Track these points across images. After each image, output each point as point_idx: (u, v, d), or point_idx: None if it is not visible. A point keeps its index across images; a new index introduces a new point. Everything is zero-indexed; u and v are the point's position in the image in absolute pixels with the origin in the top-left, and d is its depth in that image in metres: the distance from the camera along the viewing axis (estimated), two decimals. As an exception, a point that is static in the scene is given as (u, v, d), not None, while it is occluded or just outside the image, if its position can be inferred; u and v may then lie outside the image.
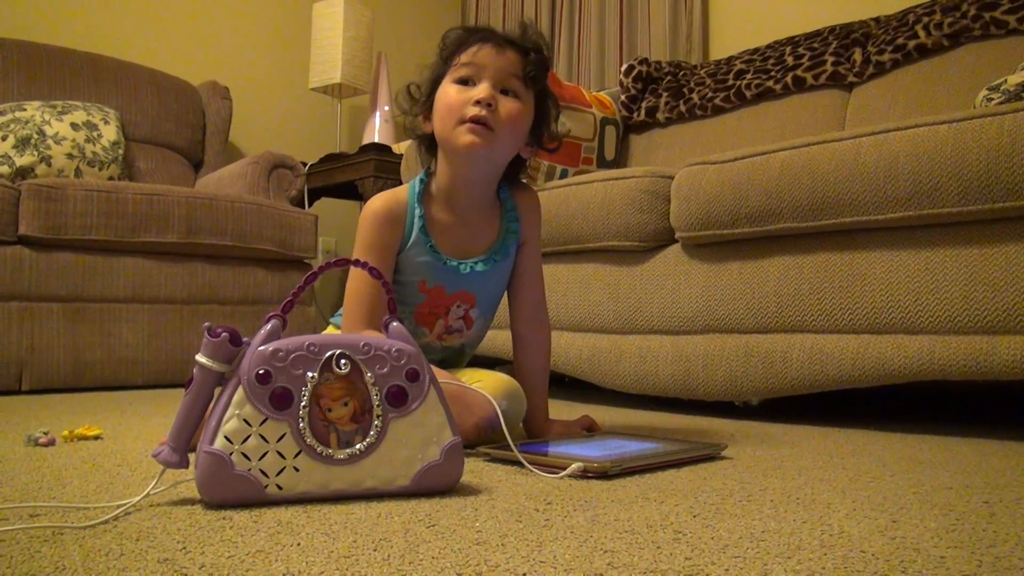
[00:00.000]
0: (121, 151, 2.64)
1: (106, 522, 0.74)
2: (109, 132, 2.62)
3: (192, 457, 0.83)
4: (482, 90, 1.18)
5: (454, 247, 1.27)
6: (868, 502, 0.85)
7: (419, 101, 1.27)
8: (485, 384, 1.22)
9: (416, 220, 1.25)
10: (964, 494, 0.90)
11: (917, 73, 2.16)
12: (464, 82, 1.20)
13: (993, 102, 1.60)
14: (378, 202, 1.26)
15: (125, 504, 0.79)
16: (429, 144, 1.30)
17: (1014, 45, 1.98)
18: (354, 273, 1.21)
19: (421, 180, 1.29)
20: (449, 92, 1.21)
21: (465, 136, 1.19)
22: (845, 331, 1.51)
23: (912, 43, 2.18)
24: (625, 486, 0.94)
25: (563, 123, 1.92)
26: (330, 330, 1.37)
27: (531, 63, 1.22)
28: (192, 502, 0.82)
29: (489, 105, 1.17)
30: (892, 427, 1.53)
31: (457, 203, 1.28)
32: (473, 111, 1.18)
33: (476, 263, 1.28)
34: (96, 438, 1.29)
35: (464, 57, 1.20)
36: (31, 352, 2.11)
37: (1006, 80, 1.61)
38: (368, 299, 1.20)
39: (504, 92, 1.20)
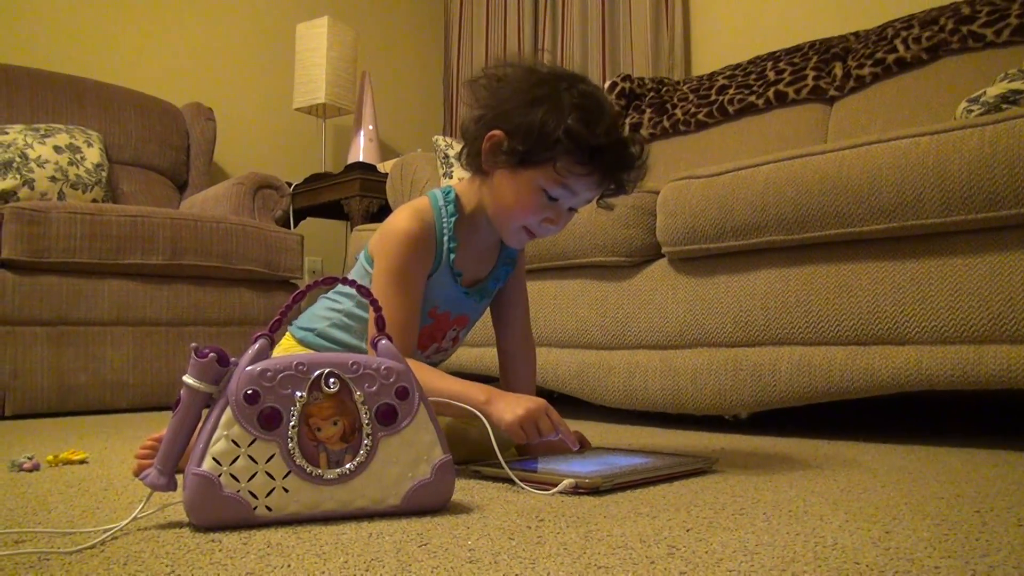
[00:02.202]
0: (104, 173, 2.63)
1: (92, 547, 0.73)
2: (92, 154, 2.61)
3: (180, 479, 0.82)
4: (559, 219, 1.15)
5: (468, 275, 1.26)
6: (861, 513, 0.85)
7: (510, 152, 1.11)
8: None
9: (447, 252, 1.20)
10: (955, 504, 0.90)
11: (897, 86, 2.19)
12: (548, 194, 1.13)
13: (973, 114, 1.61)
14: (412, 225, 1.16)
15: (112, 528, 0.78)
16: (475, 163, 1.18)
17: (992, 57, 2.01)
18: (383, 302, 1.11)
19: (451, 209, 1.20)
20: (532, 194, 1.12)
21: (516, 237, 1.19)
22: (832, 343, 1.51)
23: (891, 57, 2.20)
24: (617, 502, 0.93)
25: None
26: (288, 338, 1.29)
27: (608, 195, 1.19)
28: (180, 525, 0.81)
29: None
30: (881, 438, 1.53)
31: (479, 235, 1.24)
32: (537, 228, 1.16)
33: (483, 290, 1.28)
34: (81, 462, 1.27)
35: (568, 180, 1.10)
36: (15, 377, 2.08)
37: (985, 92, 1.63)
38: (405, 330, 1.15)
39: (572, 208, 1.18)
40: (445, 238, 1.19)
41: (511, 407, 1.06)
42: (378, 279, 1.16)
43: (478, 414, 1.06)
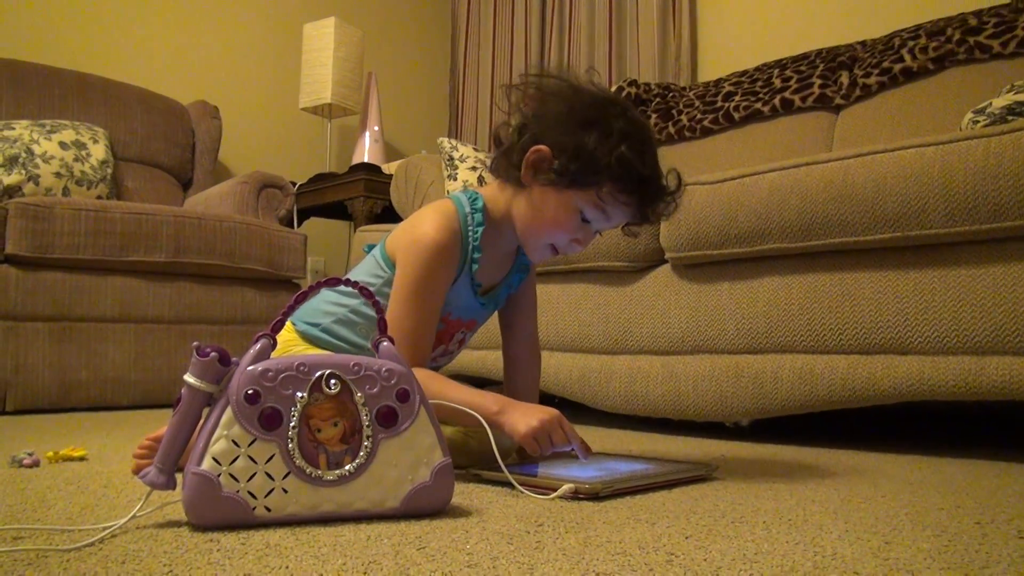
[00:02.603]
0: (109, 170, 2.63)
1: (91, 545, 0.73)
2: (98, 151, 2.62)
3: (179, 478, 0.82)
4: (586, 240, 1.16)
5: (485, 284, 1.25)
6: (860, 523, 0.85)
7: (561, 171, 1.10)
8: None
9: (471, 262, 1.18)
10: (956, 515, 0.90)
11: (903, 96, 2.19)
12: (584, 216, 1.13)
13: (979, 125, 1.61)
14: (442, 236, 1.14)
15: (111, 526, 0.78)
16: (512, 173, 1.16)
17: (998, 69, 2.01)
18: (403, 311, 1.13)
19: (479, 218, 1.18)
20: (569, 214, 1.13)
21: (541, 253, 1.18)
22: (835, 351, 1.51)
23: (898, 66, 2.20)
24: (616, 508, 0.93)
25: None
26: (289, 330, 1.25)
27: (635, 224, 1.18)
28: (179, 524, 0.81)
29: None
30: (882, 448, 1.53)
31: (501, 244, 1.23)
32: (565, 246, 1.16)
33: (496, 297, 1.28)
34: (81, 459, 1.27)
35: (608, 206, 1.11)
36: (16, 372, 2.08)
37: (991, 103, 1.63)
38: (419, 339, 1.15)
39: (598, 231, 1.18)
40: (470, 248, 1.18)
41: (525, 418, 1.05)
42: (400, 288, 1.15)
43: (480, 419, 1.05)
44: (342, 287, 1.23)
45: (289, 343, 1.22)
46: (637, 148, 1.08)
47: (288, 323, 1.26)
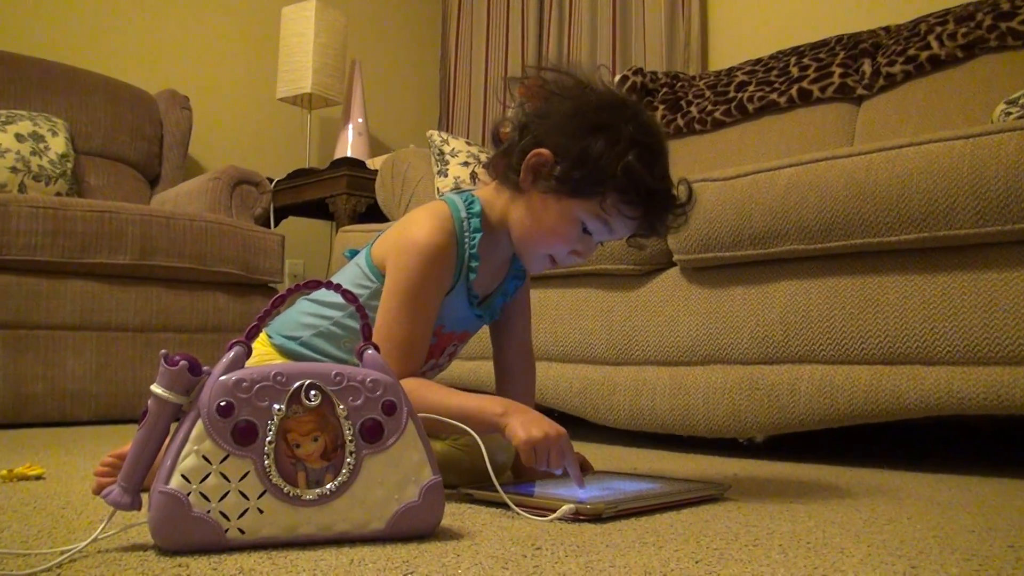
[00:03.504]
0: (70, 164, 2.63)
1: (48, 569, 0.73)
2: (57, 144, 2.61)
3: (145, 498, 0.81)
4: (587, 251, 1.16)
5: (481, 292, 1.25)
6: (884, 547, 0.85)
7: (562, 179, 1.10)
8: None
9: (467, 270, 1.18)
10: (987, 537, 0.90)
11: (930, 86, 2.20)
12: (585, 227, 1.13)
13: (1011, 116, 1.62)
14: (437, 239, 1.14)
15: (70, 550, 0.78)
16: (510, 177, 1.16)
17: (1032, 57, 2.02)
18: (394, 319, 1.13)
19: (476, 224, 1.18)
20: (569, 224, 1.13)
21: (539, 263, 1.19)
22: (856, 362, 1.52)
23: (924, 54, 2.21)
24: (620, 530, 0.93)
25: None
26: (264, 343, 1.23)
27: (641, 236, 1.18)
28: (145, 548, 0.81)
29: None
30: (908, 466, 1.53)
31: (498, 251, 1.23)
32: (564, 258, 1.17)
33: (491, 307, 1.28)
34: (38, 478, 1.27)
35: (611, 218, 1.11)
36: (-33, 384, 2.08)
37: (1025, 93, 1.64)
38: (412, 347, 1.14)
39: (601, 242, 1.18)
40: (467, 255, 1.17)
41: (528, 425, 1.04)
42: (391, 294, 1.14)
43: (474, 434, 1.05)
44: (322, 297, 1.23)
45: (265, 358, 1.20)
46: (647, 158, 1.08)
47: (263, 335, 1.25)
